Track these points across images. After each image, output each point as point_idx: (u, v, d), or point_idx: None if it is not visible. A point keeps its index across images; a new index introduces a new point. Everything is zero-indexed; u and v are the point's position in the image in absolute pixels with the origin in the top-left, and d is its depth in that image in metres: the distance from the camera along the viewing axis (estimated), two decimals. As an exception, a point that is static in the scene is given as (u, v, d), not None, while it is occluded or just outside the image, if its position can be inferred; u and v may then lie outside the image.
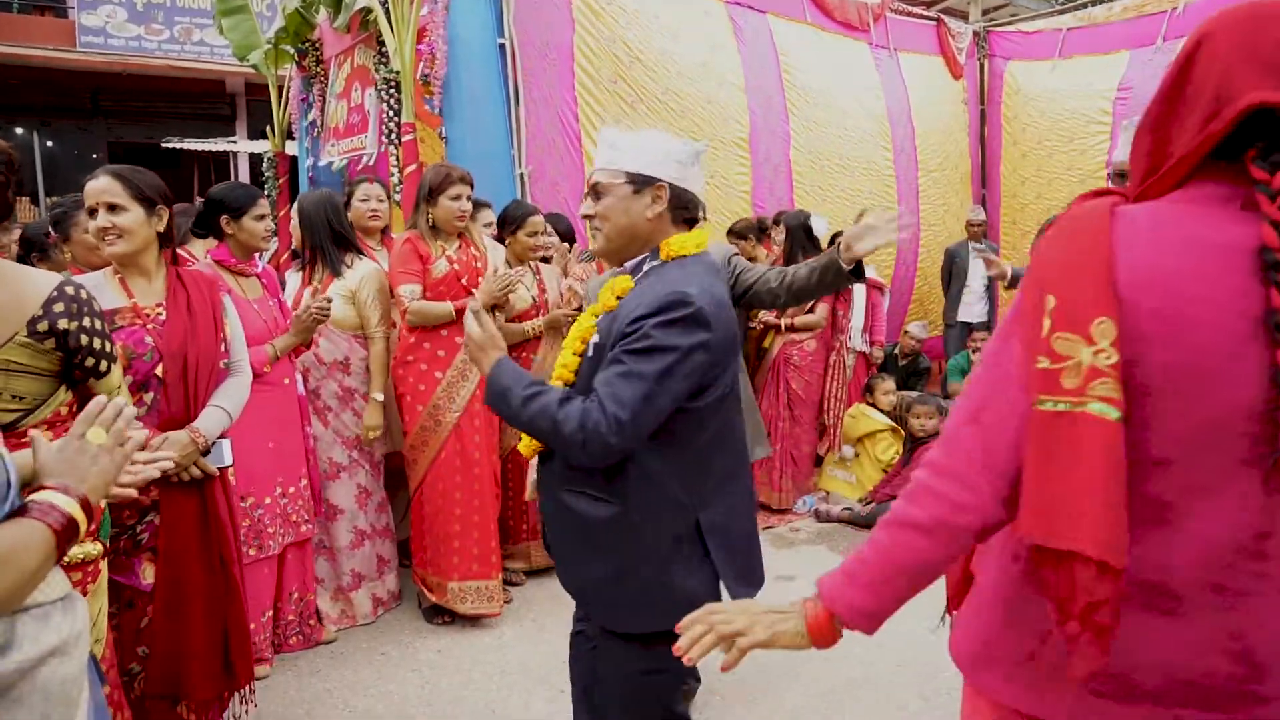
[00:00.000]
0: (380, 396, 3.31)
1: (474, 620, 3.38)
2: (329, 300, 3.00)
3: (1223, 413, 0.89)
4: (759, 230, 4.96)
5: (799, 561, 4.09)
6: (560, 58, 4.99)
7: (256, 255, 3.01)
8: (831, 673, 2.99)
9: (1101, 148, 6.92)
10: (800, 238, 4.65)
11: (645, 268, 1.69)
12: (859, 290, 5.47)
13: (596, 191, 1.68)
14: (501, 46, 4.71)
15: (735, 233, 4.82)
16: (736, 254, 2.68)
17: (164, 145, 10.98)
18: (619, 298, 1.66)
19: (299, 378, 3.10)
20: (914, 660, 3.03)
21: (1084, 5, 7.59)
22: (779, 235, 4.83)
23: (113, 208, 2.04)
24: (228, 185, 3.02)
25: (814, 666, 3.04)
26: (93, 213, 2.04)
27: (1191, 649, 0.95)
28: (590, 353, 1.64)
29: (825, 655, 3.11)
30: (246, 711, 2.37)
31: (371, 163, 4.96)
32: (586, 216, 1.69)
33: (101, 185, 2.04)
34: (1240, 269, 0.88)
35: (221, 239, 2.88)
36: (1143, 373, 0.91)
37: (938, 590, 1.19)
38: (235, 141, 11.96)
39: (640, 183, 1.66)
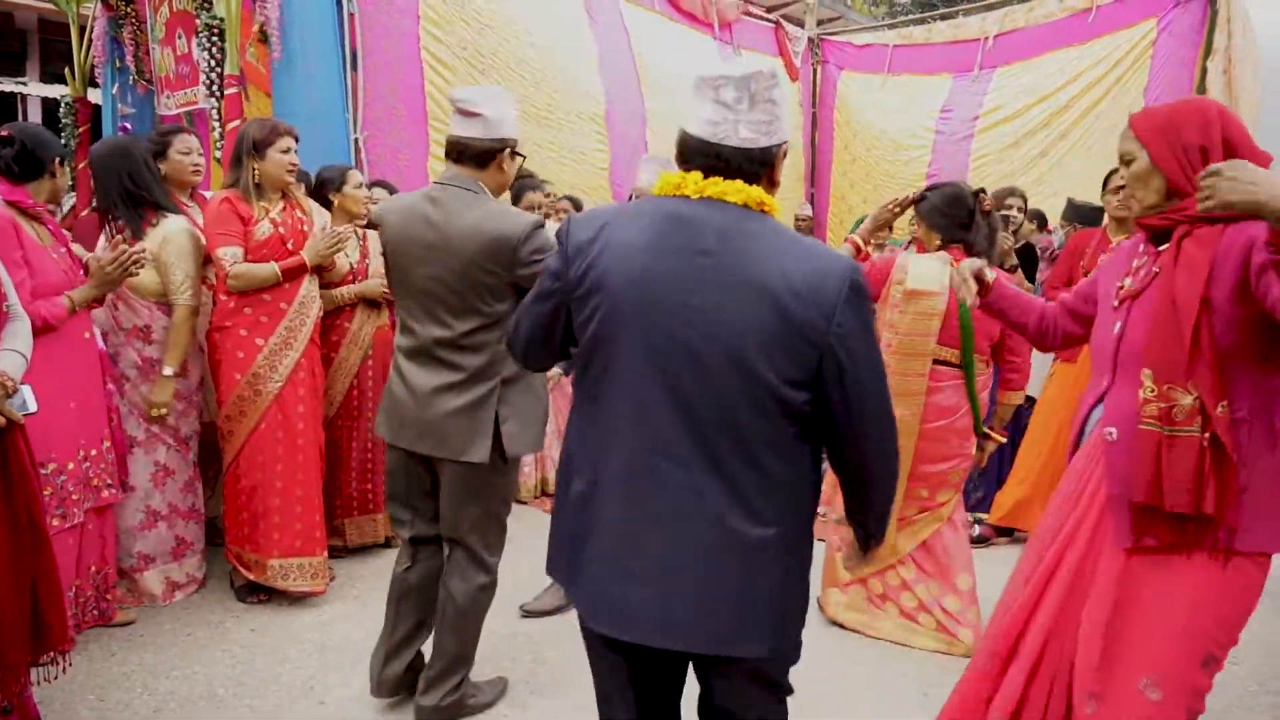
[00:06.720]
0: (170, 371, 3.08)
1: (293, 598, 3.24)
2: (144, 251, 2.78)
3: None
4: None
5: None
6: (405, 19, 4.83)
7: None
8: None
9: (923, 160, 7.50)
10: None
11: None
12: None
13: None
14: (339, 3, 4.50)
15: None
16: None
17: (-65, 81, 9.64)
18: None
19: (98, 335, 2.85)
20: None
21: (905, 25, 8.18)
22: None
23: None
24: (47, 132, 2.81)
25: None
26: None
27: None
28: None
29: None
30: (64, 670, 2.16)
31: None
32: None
33: None
34: None
35: (36, 180, 2.67)
36: None
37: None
38: (25, 83, 10.67)
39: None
